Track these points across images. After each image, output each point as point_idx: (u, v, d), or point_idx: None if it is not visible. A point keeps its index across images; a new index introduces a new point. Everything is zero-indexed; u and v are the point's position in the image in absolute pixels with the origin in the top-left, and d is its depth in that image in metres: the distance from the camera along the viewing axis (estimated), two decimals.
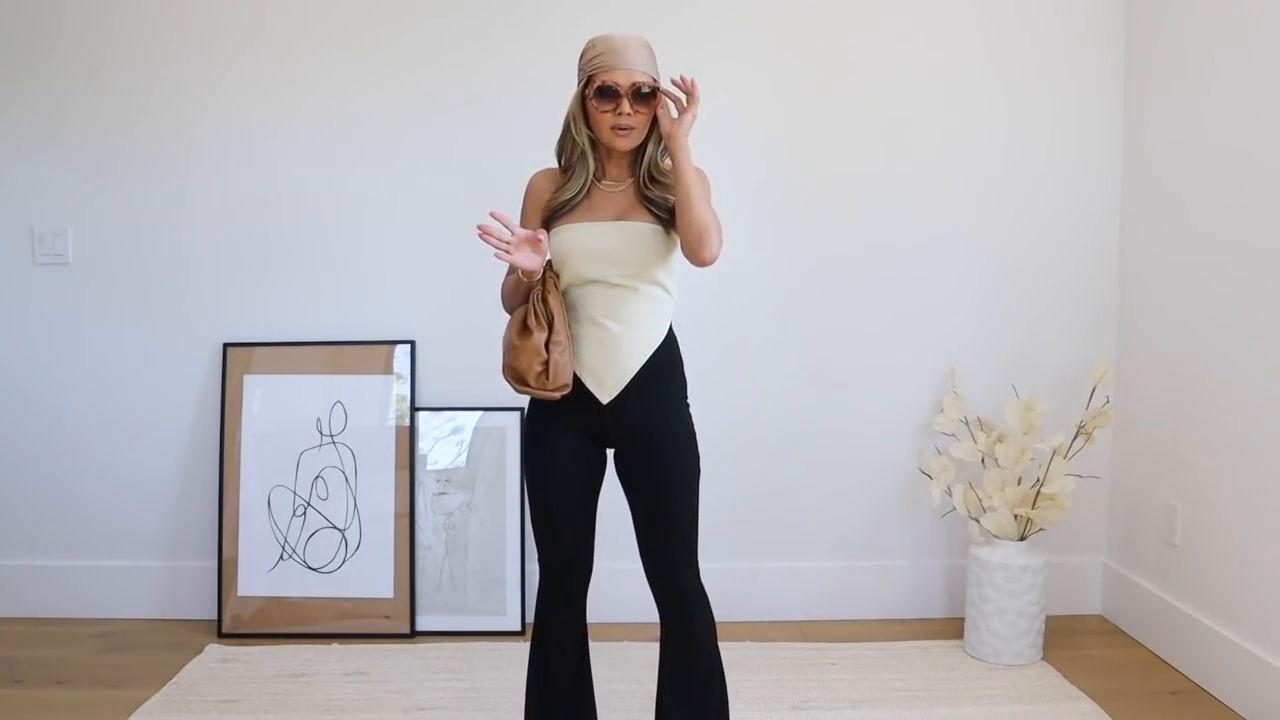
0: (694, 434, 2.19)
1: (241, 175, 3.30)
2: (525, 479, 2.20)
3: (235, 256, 3.32)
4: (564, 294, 2.11)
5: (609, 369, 2.09)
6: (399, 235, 3.31)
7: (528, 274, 2.04)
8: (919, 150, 3.30)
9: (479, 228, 1.96)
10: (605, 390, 2.10)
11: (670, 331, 2.17)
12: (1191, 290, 2.96)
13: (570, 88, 2.19)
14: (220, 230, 3.32)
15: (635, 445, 2.14)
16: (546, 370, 2.03)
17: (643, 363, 2.10)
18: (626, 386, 2.09)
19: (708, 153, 3.24)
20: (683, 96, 2.06)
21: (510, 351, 2.05)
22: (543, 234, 2.04)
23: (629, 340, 2.08)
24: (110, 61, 3.27)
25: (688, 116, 2.04)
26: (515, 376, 2.06)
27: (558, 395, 2.06)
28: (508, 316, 2.16)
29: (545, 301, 2.05)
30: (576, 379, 2.09)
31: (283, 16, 3.27)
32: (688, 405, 2.20)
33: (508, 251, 1.99)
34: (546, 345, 2.02)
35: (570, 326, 2.09)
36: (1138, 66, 3.25)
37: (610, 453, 2.22)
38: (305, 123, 3.29)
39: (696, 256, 2.07)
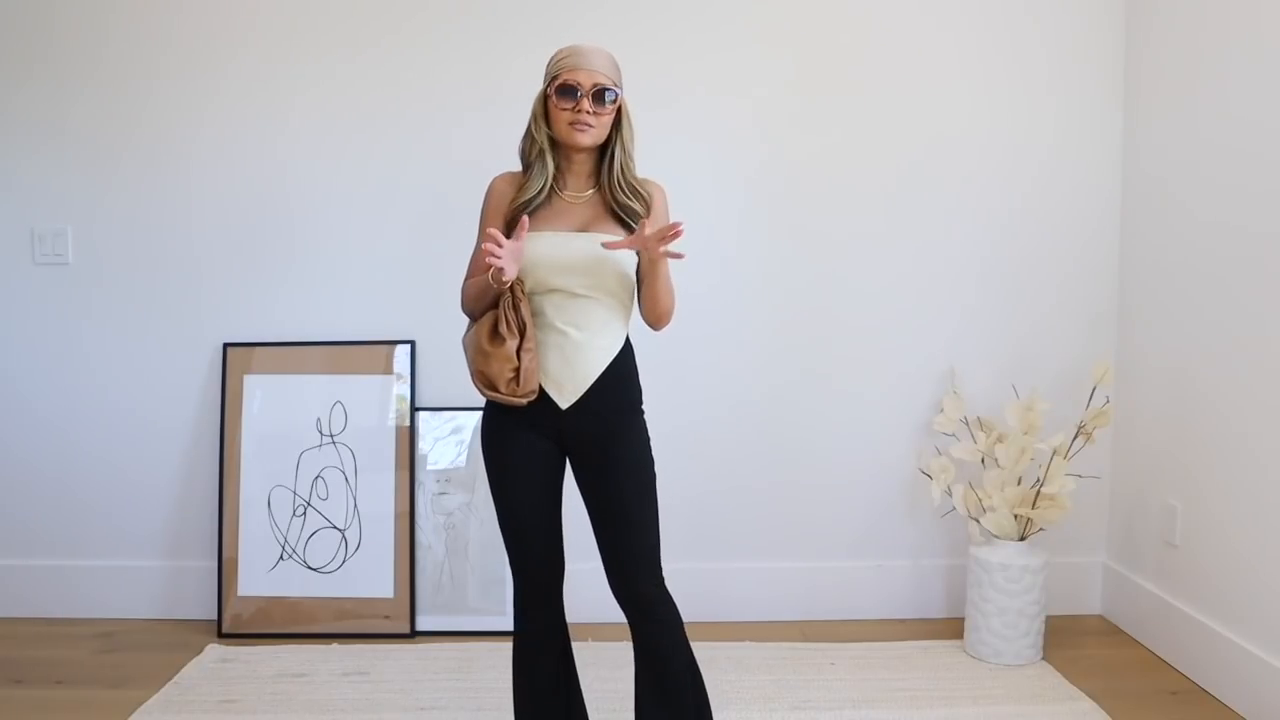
0: (649, 441, 2.20)
1: (242, 175, 3.30)
2: (490, 480, 2.20)
3: (235, 256, 3.32)
4: (529, 300, 2.12)
5: (569, 375, 2.11)
6: (399, 235, 3.31)
7: (500, 281, 2.04)
8: (918, 149, 3.30)
9: (485, 249, 1.97)
10: (565, 396, 2.12)
11: (627, 340, 2.19)
12: (1192, 290, 2.96)
13: None
14: (220, 230, 3.32)
15: (591, 453, 2.15)
16: (517, 376, 2.06)
17: (602, 370, 2.12)
18: (585, 393, 2.11)
19: (707, 150, 3.27)
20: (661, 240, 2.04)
21: (481, 357, 2.07)
22: (523, 238, 2.05)
23: (589, 348, 2.11)
24: (110, 61, 3.27)
25: (660, 261, 2.09)
26: (485, 382, 2.08)
27: (524, 401, 2.08)
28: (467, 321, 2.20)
29: (517, 309, 2.07)
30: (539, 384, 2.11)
31: (282, 16, 3.27)
32: (643, 413, 2.22)
33: (503, 269, 2.00)
34: (518, 352, 2.05)
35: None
36: (1138, 66, 3.25)
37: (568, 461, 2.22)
38: (305, 122, 3.29)
39: (650, 326, 2.22)
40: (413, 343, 3.33)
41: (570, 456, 2.19)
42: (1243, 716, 2.70)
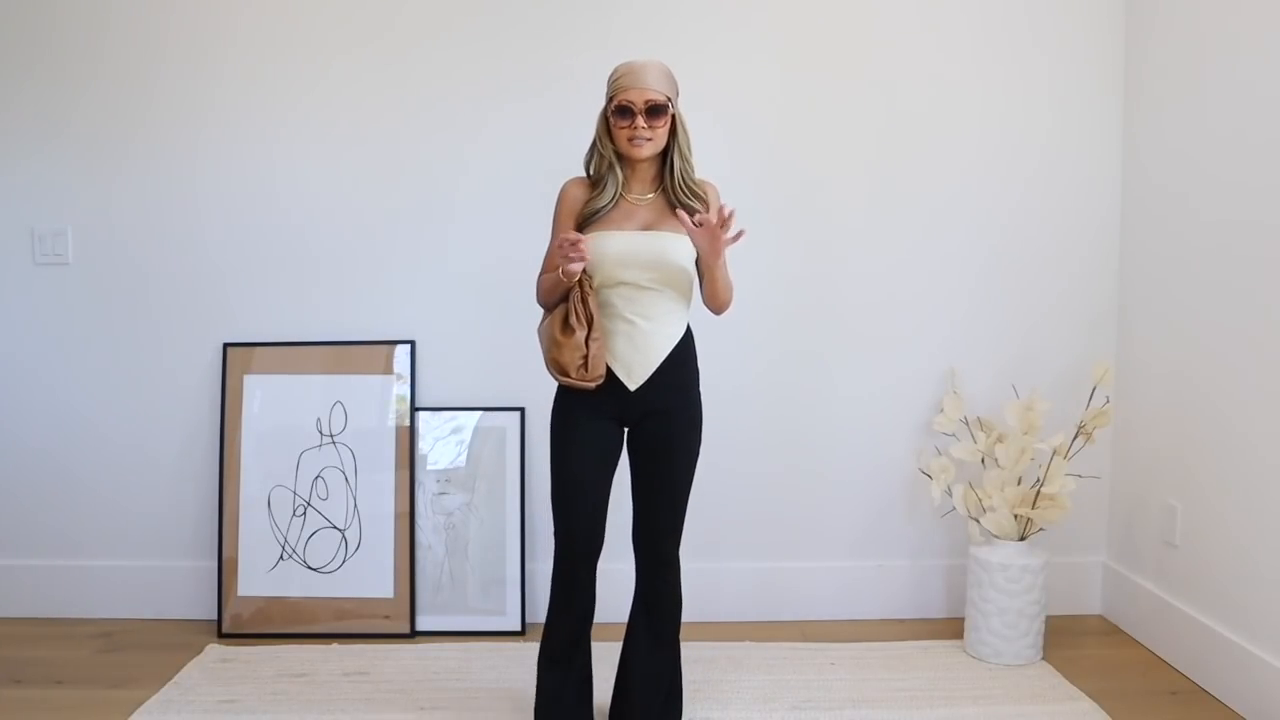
0: (702, 419, 2.46)
1: (242, 175, 3.30)
2: (552, 452, 2.43)
3: (236, 256, 3.32)
4: (596, 293, 2.34)
5: (638, 360, 2.35)
6: (399, 235, 3.31)
7: (569, 276, 2.27)
8: (918, 149, 3.30)
9: (564, 248, 2.22)
10: (634, 379, 2.36)
11: (688, 328, 2.44)
12: (1192, 290, 2.96)
13: (570, 93, 2.44)
14: (221, 230, 3.32)
15: (651, 429, 2.40)
16: (586, 363, 2.29)
17: (666, 355, 2.37)
18: (651, 375, 2.35)
19: (708, 150, 3.25)
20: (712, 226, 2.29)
21: (555, 347, 2.30)
22: (586, 240, 2.28)
23: (656, 335, 2.36)
24: (111, 61, 3.27)
25: (724, 249, 2.32)
26: (559, 369, 2.31)
27: (593, 385, 2.31)
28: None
29: (585, 303, 2.30)
30: (607, 368, 2.34)
31: (282, 16, 3.27)
32: (699, 392, 2.47)
33: (577, 260, 2.23)
34: (586, 341, 2.29)
35: (602, 323, 2.34)
36: (1137, 66, 3.25)
37: (625, 440, 2.46)
38: (306, 123, 3.29)
39: (713, 313, 2.50)
40: (413, 343, 3.33)
41: (630, 432, 2.43)
42: (1243, 716, 2.70)
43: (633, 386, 2.35)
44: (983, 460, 3.16)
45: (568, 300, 2.30)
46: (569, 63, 3.18)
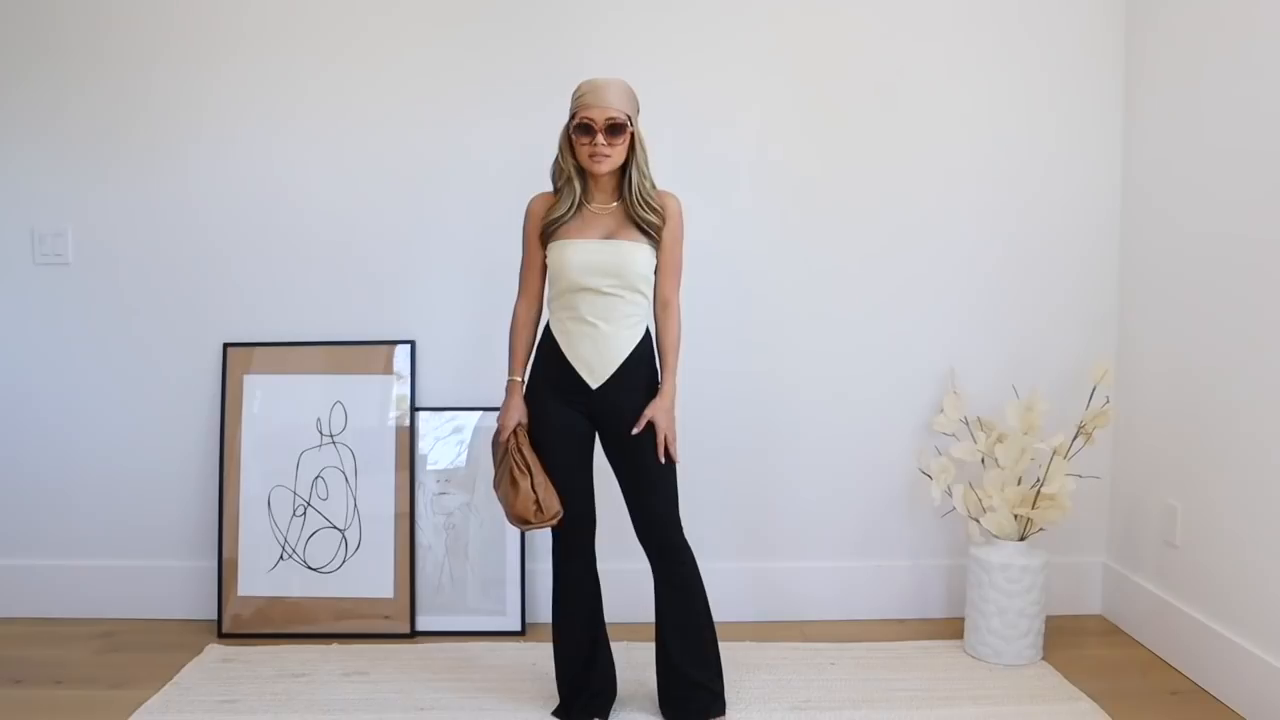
0: None
1: (242, 175, 3.30)
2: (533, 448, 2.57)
3: (235, 256, 3.32)
4: (560, 297, 2.51)
5: (599, 360, 2.48)
6: (399, 235, 3.31)
7: (504, 434, 2.51)
8: (919, 150, 3.30)
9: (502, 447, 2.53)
10: (595, 378, 2.49)
11: (648, 330, 2.56)
12: (1191, 290, 2.96)
13: (568, 94, 2.47)
14: (220, 230, 3.32)
15: (619, 426, 2.51)
16: (540, 507, 2.46)
17: (625, 356, 2.49)
18: (611, 375, 2.48)
19: (713, 153, 3.27)
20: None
21: (508, 503, 2.48)
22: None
23: (615, 338, 2.48)
24: (109, 61, 3.27)
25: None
26: (519, 520, 2.48)
27: (552, 523, 2.49)
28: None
29: (521, 452, 2.48)
30: (570, 366, 2.48)
31: (283, 15, 3.27)
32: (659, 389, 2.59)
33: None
34: (533, 487, 2.46)
35: (567, 325, 2.50)
36: (1138, 68, 3.25)
37: (597, 436, 2.59)
38: (306, 122, 3.29)
39: None
40: (413, 343, 3.33)
41: (600, 430, 2.56)
42: (1243, 717, 2.70)
43: (595, 385, 2.48)
44: (983, 460, 3.16)
45: (508, 456, 2.48)
46: (571, 64, 3.17)
